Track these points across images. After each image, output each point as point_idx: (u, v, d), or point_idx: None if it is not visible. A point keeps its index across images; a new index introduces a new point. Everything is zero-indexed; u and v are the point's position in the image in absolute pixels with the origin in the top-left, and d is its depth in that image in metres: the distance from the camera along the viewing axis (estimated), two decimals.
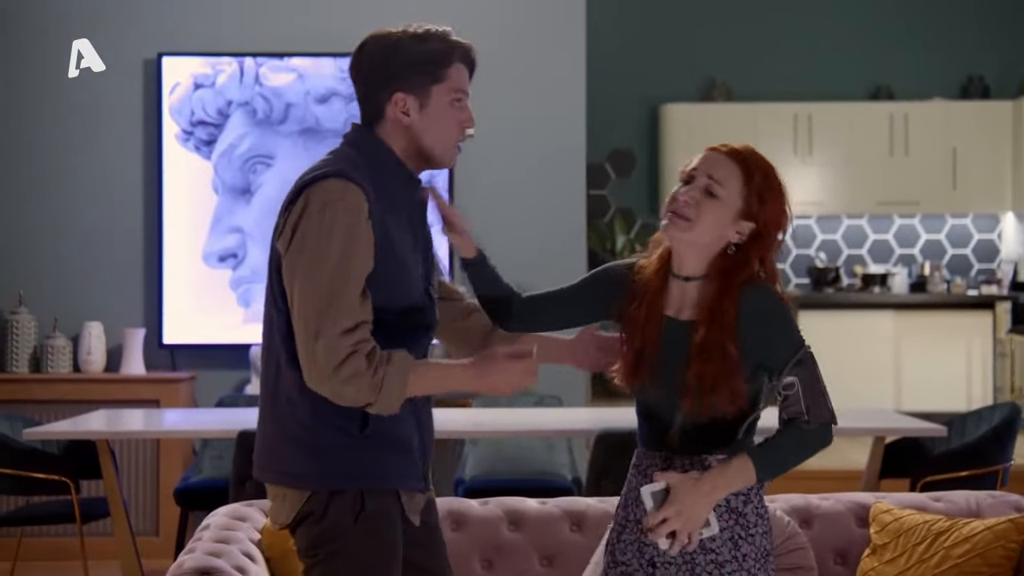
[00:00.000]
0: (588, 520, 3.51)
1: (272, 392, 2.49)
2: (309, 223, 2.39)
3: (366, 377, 2.36)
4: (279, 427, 2.48)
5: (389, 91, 2.51)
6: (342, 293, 2.36)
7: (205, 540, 3.09)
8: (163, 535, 6.30)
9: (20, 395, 6.40)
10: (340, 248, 2.37)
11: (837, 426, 2.48)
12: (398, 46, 2.52)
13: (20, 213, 6.68)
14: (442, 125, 2.53)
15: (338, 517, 2.43)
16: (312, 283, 2.37)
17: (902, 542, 3.41)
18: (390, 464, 2.47)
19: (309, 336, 2.36)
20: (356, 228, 2.39)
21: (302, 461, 2.44)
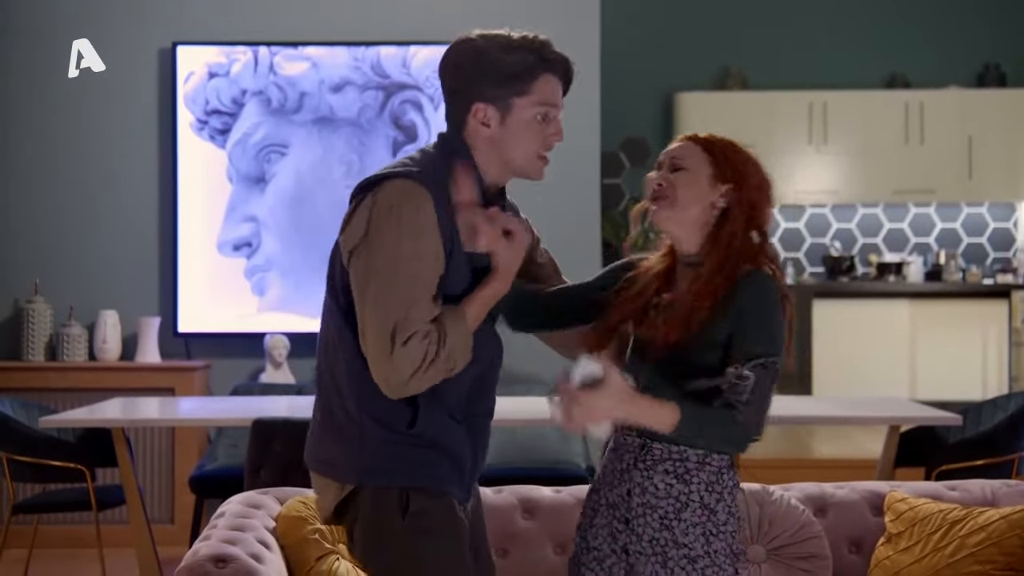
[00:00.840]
0: None
1: (323, 381, 2.50)
2: (378, 225, 2.36)
3: (439, 363, 2.36)
4: (326, 416, 2.48)
5: (469, 100, 2.47)
6: (418, 301, 2.34)
7: (220, 528, 3.10)
8: (178, 523, 6.33)
9: (36, 383, 6.42)
10: (412, 253, 2.34)
11: (754, 441, 2.45)
12: (483, 54, 2.45)
13: (36, 202, 6.70)
14: (523, 138, 2.48)
15: (385, 516, 2.40)
16: (386, 291, 2.33)
17: (917, 531, 3.40)
18: (433, 466, 2.44)
19: (382, 344, 2.33)
20: (427, 232, 2.36)
21: (344, 453, 2.44)
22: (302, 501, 3.26)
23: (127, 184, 6.72)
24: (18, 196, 6.68)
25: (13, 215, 6.67)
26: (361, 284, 2.37)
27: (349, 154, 6.67)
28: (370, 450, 2.42)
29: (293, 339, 6.55)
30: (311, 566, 3.12)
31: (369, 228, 2.36)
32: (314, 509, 3.23)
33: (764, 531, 3.43)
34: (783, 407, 5.48)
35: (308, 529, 3.16)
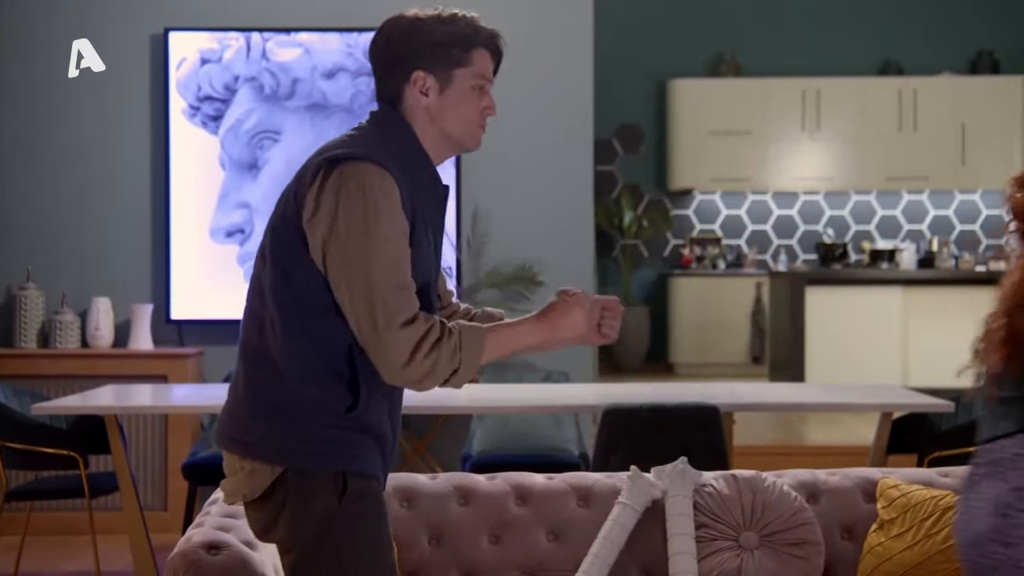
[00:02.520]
0: (595, 495, 3.51)
1: (254, 359, 2.43)
2: (350, 205, 2.32)
3: (444, 354, 2.33)
4: (257, 396, 2.41)
5: (409, 69, 2.44)
6: (400, 284, 2.32)
7: (213, 515, 3.10)
8: (171, 510, 6.33)
9: (28, 370, 6.41)
10: (387, 237, 2.31)
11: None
12: (422, 25, 2.45)
13: (27, 189, 6.68)
14: (462, 108, 2.47)
15: (320, 499, 2.37)
16: (367, 275, 2.30)
17: (909, 517, 3.41)
18: (368, 450, 2.43)
19: (377, 330, 2.30)
20: (397, 216, 2.34)
21: (279, 434, 2.38)
22: None
23: (119, 171, 6.70)
24: (10, 182, 6.67)
25: (6, 201, 6.65)
26: (343, 273, 2.33)
27: None
28: (309, 432, 2.38)
29: None
30: None
31: (339, 213, 2.33)
32: None
33: (757, 518, 3.43)
34: (775, 394, 5.49)
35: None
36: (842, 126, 11.39)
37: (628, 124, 11.78)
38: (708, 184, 11.56)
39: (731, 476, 3.52)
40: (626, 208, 11.59)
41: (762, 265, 11.74)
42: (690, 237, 11.82)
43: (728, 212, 11.86)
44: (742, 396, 5.18)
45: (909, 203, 11.78)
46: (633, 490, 3.42)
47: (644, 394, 5.00)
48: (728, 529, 3.43)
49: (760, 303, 11.23)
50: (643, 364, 11.50)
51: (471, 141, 2.51)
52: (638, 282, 11.81)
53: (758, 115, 11.44)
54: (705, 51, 11.73)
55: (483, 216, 6.64)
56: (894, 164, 11.37)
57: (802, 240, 11.84)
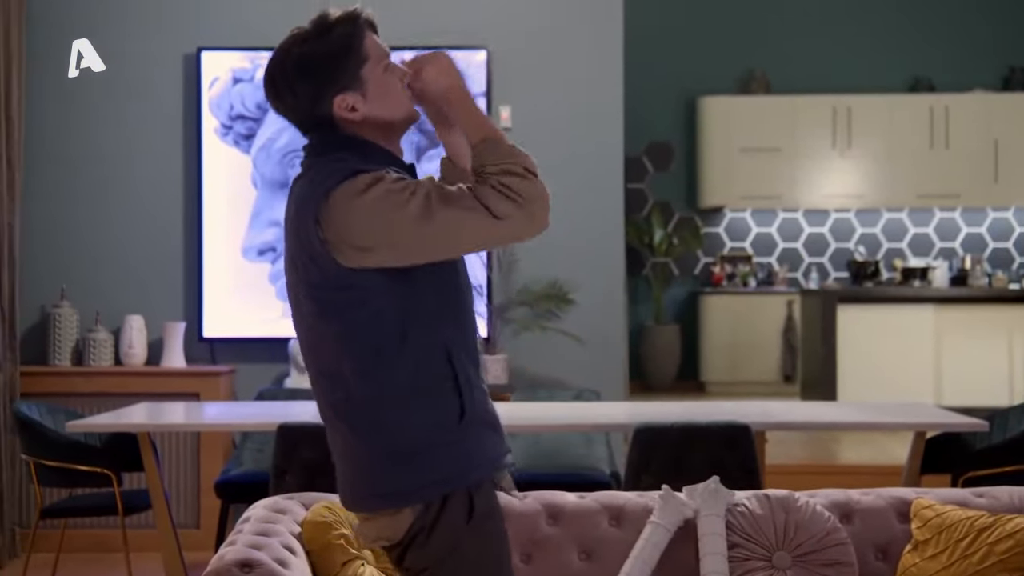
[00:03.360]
0: (627, 514, 3.50)
1: (350, 414, 2.38)
2: (371, 212, 2.30)
3: (513, 176, 2.28)
4: (371, 450, 2.37)
5: (326, 101, 2.42)
6: (440, 194, 2.30)
7: (246, 533, 3.11)
8: (204, 527, 6.35)
9: (63, 388, 6.46)
10: (406, 186, 2.30)
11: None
12: (306, 55, 2.41)
13: (61, 208, 6.74)
14: (389, 97, 2.44)
15: (449, 523, 2.34)
16: (416, 220, 2.27)
17: (944, 538, 3.38)
18: (487, 445, 2.39)
19: (474, 231, 2.29)
20: (401, 178, 2.33)
21: (409, 475, 2.34)
22: (327, 506, 3.27)
23: (152, 189, 6.75)
24: (44, 202, 6.72)
25: (39, 221, 6.70)
26: (421, 244, 2.30)
27: None
28: (435, 460, 2.35)
29: None
30: (336, 571, 3.13)
31: (369, 222, 2.30)
32: (339, 514, 3.23)
33: (790, 538, 3.42)
34: (807, 412, 5.46)
35: (333, 534, 3.17)
36: (873, 143, 11.35)
37: (658, 142, 11.77)
38: (739, 201, 11.54)
39: (764, 495, 3.51)
40: (656, 226, 11.58)
41: (793, 283, 11.70)
42: (721, 255, 11.79)
43: (759, 230, 11.83)
44: (774, 415, 5.15)
45: (941, 220, 11.72)
46: (665, 509, 3.42)
47: (675, 413, 4.99)
48: (761, 549, 3.41)
49: (791, 321, 11.19)
50: (674, 383, 11.47)
51: (410, 113, 2.48)
52: (669, 300, 11.79)
53: (788, 132, 11.42)
54: (735, 68, 11.72)
55: None
56: (926, 181, 11.32)
57: (833, 258, 11.79)
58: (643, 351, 11.40)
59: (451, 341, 2.38)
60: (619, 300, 6.78)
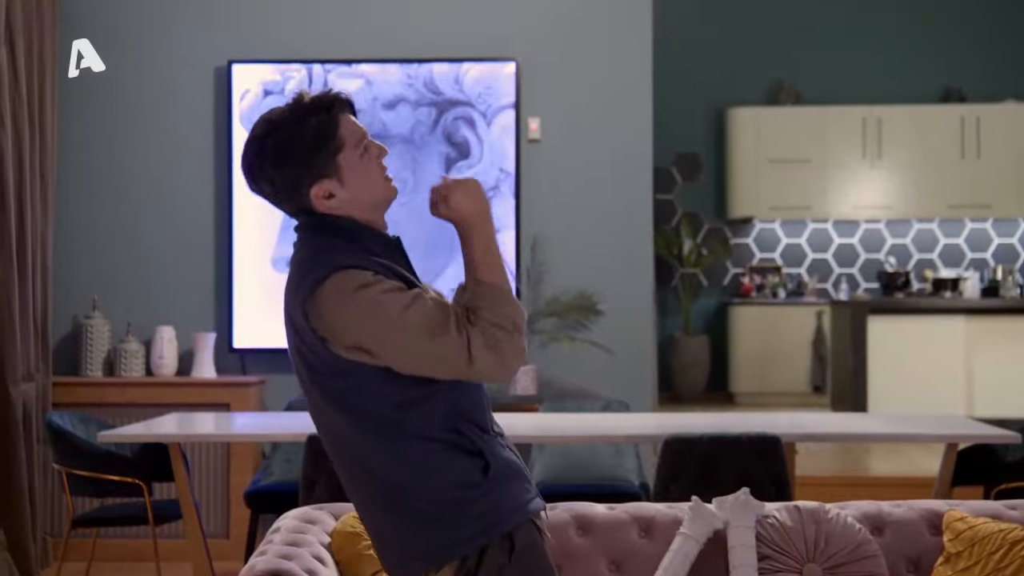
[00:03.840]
0: (656, 526, 3.50)
1: (373, 495, 2.41)
2: (350, 312, 2.32)
3: (498, 327, 2.31)
4: (402, 519, 2.39)
5: (303, 191, 2.43)
6: (432, 317, 2.33)
7: (276, 543, 3.12)
8: (233, 537, 6.37)
9: (94, 398, 6.50)
10: (399, 307, 2.32)
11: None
12: (282, 145, 2.42)
13: (93, 219, 6.79)
14: (366, 180, 2.44)
15: (493, 567, 2.36)
16: (400, 338, 2.31)
17: (976, 551, 3.36)
18: (518, 493, 2.42)
19: (451, 364, 2.31)
20: (390, 285, 2.35)
21: (442, 535, 2.36)
22: (357, 517, 3.27)
23: (184, 201, 6.79)
24: (76, 213, 6.77)
25: (72, 232, 6.75)
26: (400, 357, 2.33)
27: (403, 171, 6.70)
28: (467, 515, 2.37)
29: None
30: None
31: (355, 323, 2.32)
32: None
33: (820, 550, 3.40)
34: (838, 424, 5.44)
35: (362, 545, 3.18)
36: (904, 154, 11.30)
37: (687, 152, 11.76)
38: (768, 212, 11.51)
39: (794, 507, 3.49)
40: (685, 237, 11.56)
41: (823, 294, 11.66)
42: (750, 266, 11.76)
43: (788, 240, 11.80)
44: (805, 426, 5.13)
45: (972, 231, 11.65)
46: (694, 521, 3.41)
47: (705, 424, 4.98)
48: (791, 561, 3.40)
49: (821, 332, 11.14)
50: (703, 394, 11.44)
51: (389, 194, 2.48)
52: (698, 311, 11.76)
53: (818, 143, 11.38)
54: (764, 79, 11.70)
55: (542, 245, 6.65)
56: (957, 192, 11.26)
57: (863, 269, 11.74)
58: (672, 362, 11.37)
59: (454, 405, 2.40)
60: (648, 311, 6.77)
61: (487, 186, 6.65)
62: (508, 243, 6.67)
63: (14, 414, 6.02)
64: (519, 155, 6.69)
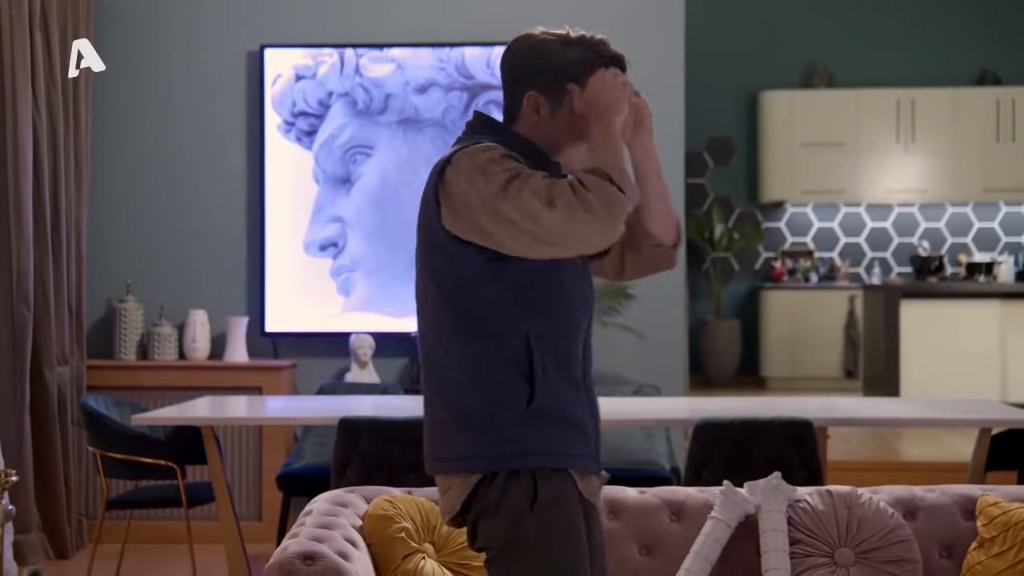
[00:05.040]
0: (687, 510, 3.50)
1: (435, 381, 2.47)
2: (461, 178, 2.36)
3: (575, 197, 2.28)
4: (446, 414, 2.44)
5: (524, 88, 2.51)
6: (519, 181, 2.32)
7: (308, 526, 3.14)
8: (265, 520, 6.41)
9: (128, 382, 6.54)
10: (513, 166, 2.34)
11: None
12: (542, 45, 2.51)
13: (128, 204, 6.83)
14: (571, 131, 2.49)
15: (513, 505, 2.37)
16: (493, 193, 2.31)
17: (1011, 536, 3.34)
18: (559, 441, 2.41)
19: (524, 216, 2.29)
20: (508, 158, 2.38)
21: (468, 443, 2.40)
22: (388, 500, 3.28)
23: (216, 186, 6.82)
24: (110, 199, 6.81)
25: (106, 216, 6.79)
26: (476, 220, 2.34)
27: (434, 155, 6.70)
28: (495, 435, 2.39)
29: (378, 339, 6.61)
30: (397, 564, 3.15)
31: (469, 186, 2.35)
32: (401, 508, 3.25)
33: (852, 534, 3.39)
34: (871, 408, 5.42)
35: (394, 528, 3.19)
36: (938, 137, 11.21)
37: (719, 136, 11.71)
38: (800, 196, 11.46)
39: (826, 492, 3.49)
40: (717, 221, 11.52)
41: (856, 278, 11.60)
42: (782, 250, 11.71)
43: (820, 224, 11.74)
44: (836, 411, 5.12)
45: (1007, 215, 11.56)
46: (726, 505, 3.40)
47: (736, 408, 4.96)
48: (823, 546, 3.39)
49: (853, 316, 11.09)
50: (734, 378, 11.41)
51: (571, 165, 2.51)
52: (729, 295, 11.73)
53: (851, 126, 11.31)
54: (797, 62, 11.63)
55: None
56: (992, 175, 11.17)
57: (896, 253, 11.67)
58: (703, 346, 11.35)
59: (536, 331, 2.41)
60: (679, 295, 6.76)
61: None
62: None
63: (49, 397, 6.08)
64: None
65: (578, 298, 2.51)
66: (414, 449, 4.60)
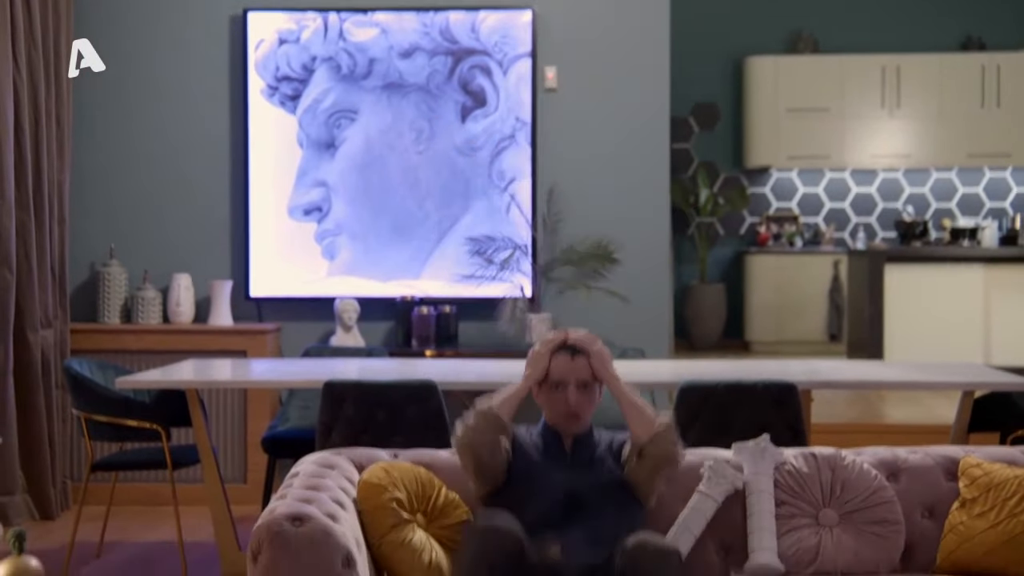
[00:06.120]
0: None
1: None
2: None
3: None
4: None
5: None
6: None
7: (296, 487, 3.14)
8: (251, 483, 6.42)
9: (112, 345, 6.53)
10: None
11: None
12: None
13: (110, 168, 6.79)
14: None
15: None
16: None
17: (992, 496, 3.37)
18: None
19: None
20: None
21: None
22: (384, 468, 3.28)
23: (200, 150, 6.79)
24: (93, 162, 6.77)
25: (88, 180, 6.76)
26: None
27: (419, 119, 6.68)
28: None
29: (363, 303, 6.60)
30: (385, 533, 3.15)
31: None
32: (395, 476, 3.25)
33: (836, 495, 3.41)
34: (854, 371, 5.43)
35: (386, 497, 3.18)
36: (923, 103, 11.21)
37: (704, 102, 11.69)
38: (785, 162, 11.46)
39: (810, 454, 3.50)
40: (702, 186, 11.52)
41: (840, 243, 11.62)
42: (767, 215, 11.72)
43: (805, 190, 11.75)
44: (820, 374, 5.13)
45: (991, 180, 11.58)
46: (714, 480, 3.41)
47: (721, 371, 4.98)
48: (807, 506, 3.41)
49: (838, 281, 11.12)
50: (719, 342, 11.44)
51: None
52: (714, 260, 11.74)
53: (836, 92, 11.30)
54: (782, 28, 11.60)
55: (559, 194, 6.63)
56: (976, 141, 11.19)
57: (881, 218, 11.69)
58: (688, 311, 11.37)
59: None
60: (664, 260, 6.77)
61: (503, 135, 6.65)
62: (525, 192, 6.65)
63: (33, 360, 6.06)
64: (535, 104, 6.66)
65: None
66: (399, 412, 4.60)
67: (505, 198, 6.65)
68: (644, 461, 3.33)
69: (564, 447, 3.37)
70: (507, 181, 6.67)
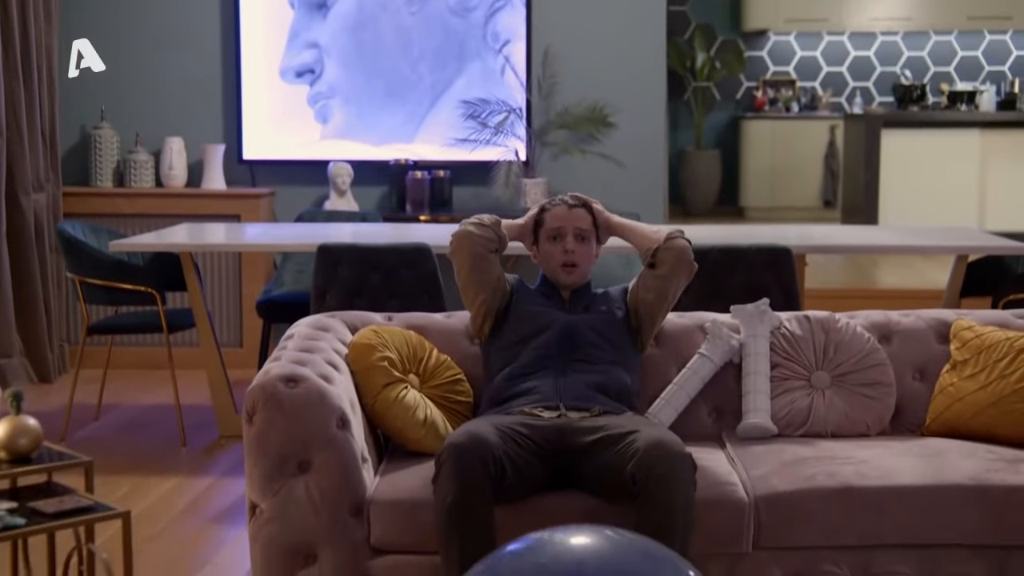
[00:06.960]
0: (665, 335, 3.52)
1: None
2: None
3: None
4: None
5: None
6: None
7: (290, 349, 3.15)
8: (246, 346, 6.46)
9: (105, 209, 6.51)
10: None
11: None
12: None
13: (100, 29, 6.67)
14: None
15: None
16: None
17: (983, 358, 3.39)
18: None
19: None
20: None
21: None
22: (374, 330, 3.29)
23: (190, 9, 6.67)
24: (82, 23, 6.66)
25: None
26: None
27: None
28: None
29: (357, 167, 6.56)
30: (378, 392, 3.17)
31: None
32: (385, 338, 3.26)
33: (829, 358, 3.43)
34: (848, 236, 5.43)
35: (376, 356, 3.20)
36: None
37: None
38: (783, 25, 11.30)
39: (804, 317, 3.52)
40: (699, 49, 11.38)
41: (837, 108, 11.53)
42: (763, 79, 11.61)
43: (803, 53, 11.61)
44: (814, 238, 5.14)
45: (991, 43, 11.45)
46: (714, 343, 3.43)
47: (715, 235, 4.98)
48: (800, 369, 3.43)
49: (834, 146, 11.06)
50: (713, 208, 11.43)
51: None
52: (710, 125, 11.66)
53: None
54: None
55: (554, 57, 6.55)
56: (976, 3, 11.03)
57: (878, 82, 11.59)
58: (683, 176, 11.33)
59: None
60: (659, 124, 6.71)
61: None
62: (519, 54, 6.57)
63: (26, 224, 6.05)
64: None
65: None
66: (393, 276, 4.61)
67: (499, 60, 6.57)
68: (659, 268, 3.34)
69: (563, 297, 3.39)
70: (501, 43, 6.57)
